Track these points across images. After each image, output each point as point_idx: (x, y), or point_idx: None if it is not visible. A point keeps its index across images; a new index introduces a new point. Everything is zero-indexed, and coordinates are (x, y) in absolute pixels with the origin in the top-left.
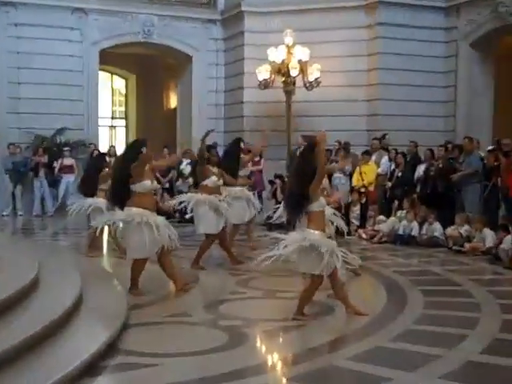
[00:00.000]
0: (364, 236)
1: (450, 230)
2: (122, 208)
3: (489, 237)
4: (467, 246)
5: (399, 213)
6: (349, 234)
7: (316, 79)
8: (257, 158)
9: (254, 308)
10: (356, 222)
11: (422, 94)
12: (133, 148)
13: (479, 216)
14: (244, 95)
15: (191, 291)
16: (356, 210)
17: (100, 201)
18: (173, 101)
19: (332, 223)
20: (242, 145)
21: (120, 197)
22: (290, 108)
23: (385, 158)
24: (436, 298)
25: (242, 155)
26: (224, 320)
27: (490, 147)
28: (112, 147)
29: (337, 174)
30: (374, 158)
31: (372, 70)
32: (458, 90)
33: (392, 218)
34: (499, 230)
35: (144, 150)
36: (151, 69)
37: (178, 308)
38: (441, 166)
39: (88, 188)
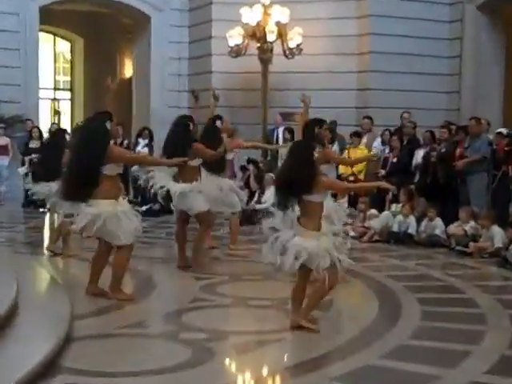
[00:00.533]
0: (352, 233)
1: (453, 228)
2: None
3: (498, 235)
4: (472, 246)
5: (394, 206)
6: None
7: (297, 46)
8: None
9: (221, 318)
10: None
11: (421, 65)
12: (99, 122)
13: (487, 211)
14: (212, 64)
15: (148, 298)
16: (343, 203)
17: None
18: (128, 69)
19: None
20: (219, 123)
21: (89, 189)
22: (267, 80)
23: (377, 141)
24: (435, 308)
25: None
26: (186, 332)
27: (500, 130)
28: (54, 124)
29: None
30: (364, 140)
31: (363, 35)
32: (463, 61)
33: (385, 213)
34: (509, 227)
35: (108, 124)
36: (102, 30)
37: (132, 318)
38: (443, 151)
39: (49, 172)
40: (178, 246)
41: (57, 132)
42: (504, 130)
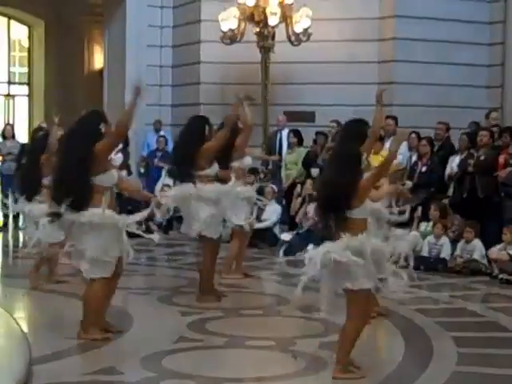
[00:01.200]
0: None
1: (496, 251)
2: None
3: None
4: None
5: (423, 225)
6: None
7: (305, 30)
8: None
9: (213, 362)
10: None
11: (455, 54)
12: (90, 124)
13: None
14: (201, 53)
15: (124, 337)
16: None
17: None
18: (98, 59)
19: None
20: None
21: (83, 198)
22: (268, 71)
23: (404, 146)
24: (475, 350)
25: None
26: (169, 380)
27: None
28: (8, 126)
29: None
30: (387, 144)
31: (386, 17)
32: (507, 49)
33: (413, 233)
34: None
35: (102, 127)
36: (67, 12)
37: (104, 361)
38: (483, 158)
39: (30, 186)
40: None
41: (40, 136)
42: None
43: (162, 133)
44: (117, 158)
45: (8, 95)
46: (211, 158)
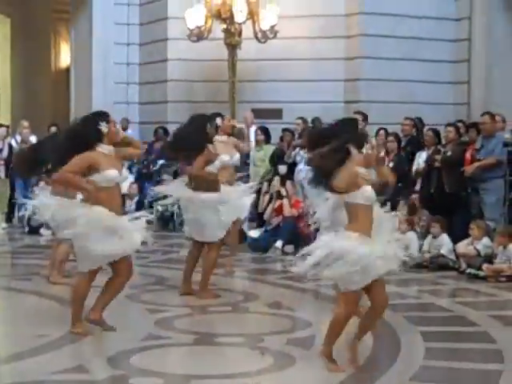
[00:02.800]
0: None
1: (463, 246)
2: None
3: None
4: (486, 268)
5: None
6: None
7: (272, 27)
8: None
9: (181, 360)
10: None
11: (422, 51)
12: (88, 124)
13: (504, 226)
14: (168, 50)
15: (91, 335)
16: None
17: None
18: (65, 57)
19: None
20: (219, 121)
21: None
22: (235, 69)
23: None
24: (442, 344)
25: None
26: (138, 377)
27: None
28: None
29: (302, 166)
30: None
31: (352, 14)
32: (473, 45)
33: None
34: None
35: (104, 126)
36: (33, 10)
37: (71, 360)
38: (449, 153)
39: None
40: (186, 267)
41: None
42: None
43: (129, 131)
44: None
45: None
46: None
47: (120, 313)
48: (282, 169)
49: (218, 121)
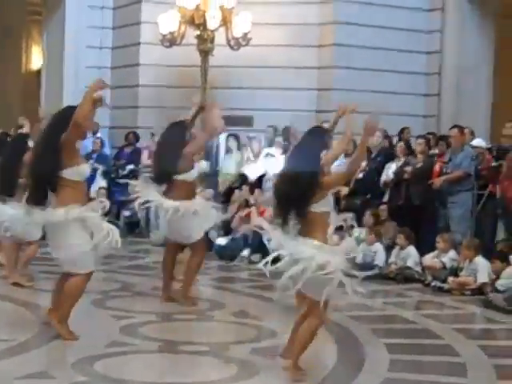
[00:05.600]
0: None
1: (429, 259)
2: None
3: (482, 269)
4: (452, 281)
5: (357, 232)
6: None
7: (244, 34)
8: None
9: (145, 367)
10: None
11: (394, 62)
12: (64, 117)
13: (470, 239)
14: (140, 55)
15: (55, 341)
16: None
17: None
18: (36, 60)
19: None
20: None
21: (45, 192)
22: (207, 75)
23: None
24: (406, 357)
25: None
26: None
27: (476, 141)
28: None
29: (270, 175)
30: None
31: (325, 24)
32: (444, 58)
33: (347, 239)
34: (496, 259)
35: None
36: (5, 11)
37: (35, 365)
38: (418, 166)
39: (7, 186)
40: (164, 275)
41: (18, 136)
42: (482, 143)
43: (98, 135)
44: None
45: None
46: (192, 161)
47: (85, 319)
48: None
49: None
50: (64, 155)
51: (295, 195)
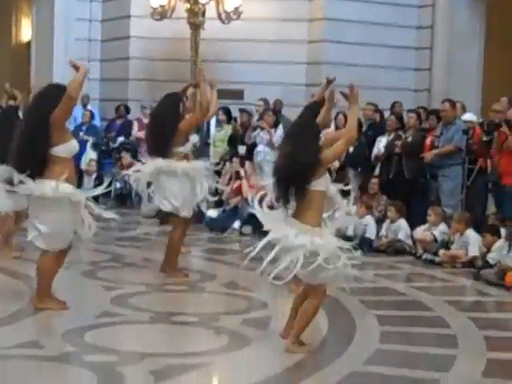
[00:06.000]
0: None
1: (420, 232)
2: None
3: (473, 242)
4: (443, 254)
5: (347, 204)
6: None
7: (235, 8)
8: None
9: (135, 337)
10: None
11: (385, 36)
12: (51, 94)
13: (461, 213)
14: (131, 28)
15: (46, 311)
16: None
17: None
18: (26, 32)
19: None
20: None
21: (35, 161)
22: (198, 48)
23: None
24: (397, 328)
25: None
26: (92, 354)
27: (467, 116)
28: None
29: (261, 147)
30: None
31: None
32: (435, 33)
33: (339, 214)
34: (487, 233)
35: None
36: None
37: (26, 335)
38: (410, 139)
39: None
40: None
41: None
42: (473, 117)
43: (88, 107)
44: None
45: None
46: (186, 136)
47: (75, 289)
48: (242, 149)
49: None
50: (54, 132)
51: (295, 173)
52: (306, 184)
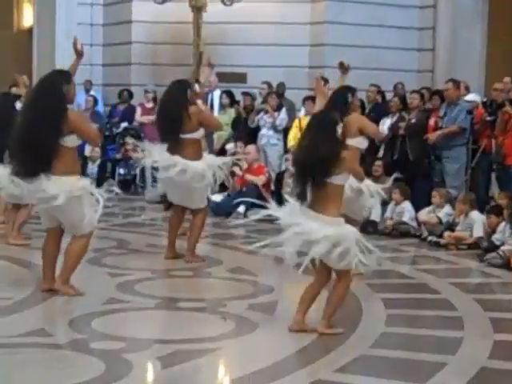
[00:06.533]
0: None
1: (425, 214)
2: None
3: (478, 223)
4: (448, 235)
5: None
6: None
7: None
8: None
9: (142, 324)
10: (291, 200)
11: (386, 17)
12: (56, 84)
13: (465, 194)
14: (133, 12)
15: (52, 299)
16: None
17: None
18: (27, 17)
19: None
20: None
21: (48, 158)
22: (200, 31)
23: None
24: (403, 311)
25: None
26: (99, 341)
27: (470, 96)
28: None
29: (264, 131)
30: (318, 107)
31: None
32: (438, 12)
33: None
34: (490, 214)
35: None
36: None
37: (33, 323)
38: (413, 121)
39: None
40: (169, 233)
41: (3, 94)
42: (477, 97)
43: (92, 92)
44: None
45: None
46: (198, 123)
47: (81, 276)
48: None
49: (196, 87)
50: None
51: (315, 164)
52: (324, 177)
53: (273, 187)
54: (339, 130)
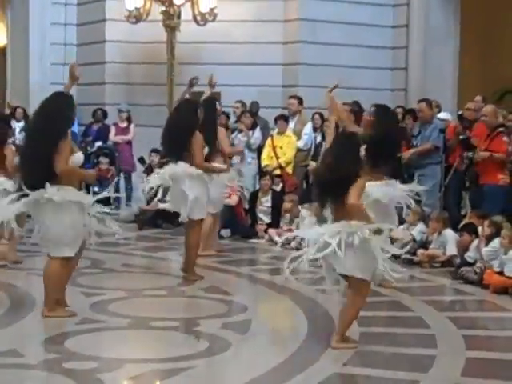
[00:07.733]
0: (277, 239)
1: (399, 231)
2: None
3: (451, 241)
4: (421, 253)
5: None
6: (255, 235)
7: (211, 10)
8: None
9: (116, 343)
10: (265, 219)
11: (360, 36)
12: (62, 108)
13: (439, 212)
14: (106, 31)
15: (26, 319)
16: (266, 202)
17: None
18: (1, 36)
19: None
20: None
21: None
22: (174, 51)
23: (308, 127)
24: (375, 329)
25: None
26: (72, 361)
27: (442, 115)
28: None
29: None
30: (292, 125)
31: None
32: (410, 32)
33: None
34: (463, 232)
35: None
36: None
37: (6, 343)
38: None
39: None
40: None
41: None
42: (448, 115)
43: None
44: (21, 137)
45: None
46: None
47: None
48: None
49: (217, 106)
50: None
51: (334, 182)
52: (343, 193)
53: (247, 206)
54: (363, 151)
